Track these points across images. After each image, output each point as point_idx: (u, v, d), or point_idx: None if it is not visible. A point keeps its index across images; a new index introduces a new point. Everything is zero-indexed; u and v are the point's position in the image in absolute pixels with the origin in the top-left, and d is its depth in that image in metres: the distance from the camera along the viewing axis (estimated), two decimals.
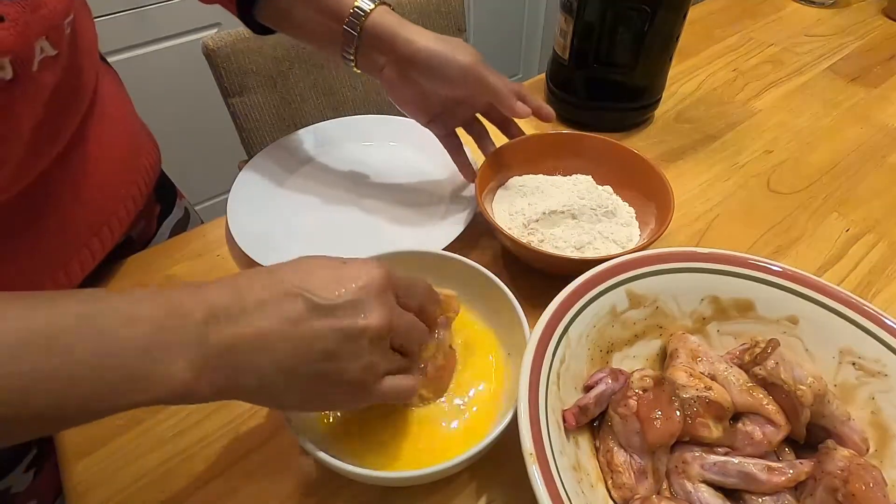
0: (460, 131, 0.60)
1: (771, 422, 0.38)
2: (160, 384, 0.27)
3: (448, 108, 0.57)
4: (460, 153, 0.60)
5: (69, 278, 0.50)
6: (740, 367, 0.41)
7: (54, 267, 0.48)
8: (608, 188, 0.59)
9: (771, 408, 0.38)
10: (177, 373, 0.28)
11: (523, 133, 0.60)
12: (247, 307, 0.30)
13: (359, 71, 0.55)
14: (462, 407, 0.42)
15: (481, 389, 0.43)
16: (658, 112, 0.77)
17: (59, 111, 0.45)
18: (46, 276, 0.48)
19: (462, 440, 0.39)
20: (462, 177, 0.61)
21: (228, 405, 0.45)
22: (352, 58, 0.53)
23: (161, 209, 0.66)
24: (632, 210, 0.57)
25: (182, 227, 0.68)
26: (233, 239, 0.55)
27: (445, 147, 0.60)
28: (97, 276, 0.54)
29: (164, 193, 0.66)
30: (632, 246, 0.53)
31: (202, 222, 0.68)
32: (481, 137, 0.60)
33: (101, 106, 0.53)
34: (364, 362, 0.32)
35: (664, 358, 0.44)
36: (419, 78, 0.52)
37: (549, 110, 0.56)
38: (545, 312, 0.39)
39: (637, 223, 0.56)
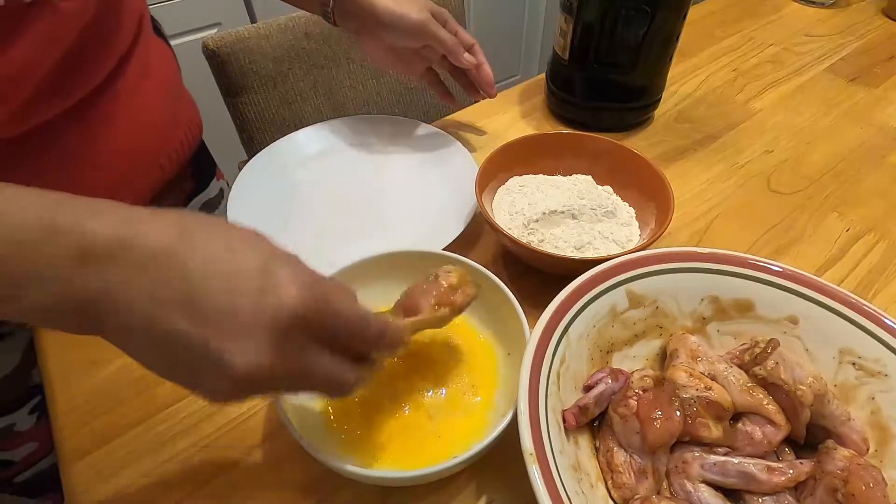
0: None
1: (771, 422, 0.38)
2: (34, 292, 0.25)
3: (416, 54, 0.63)
4: (438, 83, 0.69)
5: None
6: (740, 367, 0.41)
7: None
8: (608, 188, 0.59)
9: (771, 408, 0.38)
10: (43, 295, 0.26)
11: (476, 79, 0.65)
12: (127, 258, 0.26)
13: (339, 27, 0.62)
14: (462, 407, 0.42)
15: (481, 389, 0.43)
16: (658, 112, 0.77)
17: (78, 58, 0.44)
18: None
19: (462, 440, 0.39)
20: (460, 179, 0.61)
21: (227, 407, 0.45)
22: (330, 15, 0.60)
23: (195, 186, 0.66)
24: (632, 210, 0.57)
25: (212, 207, 0.68)
26: None
27: (426, 83, 0.68)
28: None
29: (202, 170, 0.67)
30: (632, 246, 0.53)
31: None
32: (456, 74, 0.67)
33: (138, 74, 0.53)
34: (220, 391, 0.28)
35: (664, 358, 0.44)
36: (384, 34, 0.59)
37: (487, 73, 0.64)
38: (545, 312, 0.39)
39: (637, 223, 0.56)
